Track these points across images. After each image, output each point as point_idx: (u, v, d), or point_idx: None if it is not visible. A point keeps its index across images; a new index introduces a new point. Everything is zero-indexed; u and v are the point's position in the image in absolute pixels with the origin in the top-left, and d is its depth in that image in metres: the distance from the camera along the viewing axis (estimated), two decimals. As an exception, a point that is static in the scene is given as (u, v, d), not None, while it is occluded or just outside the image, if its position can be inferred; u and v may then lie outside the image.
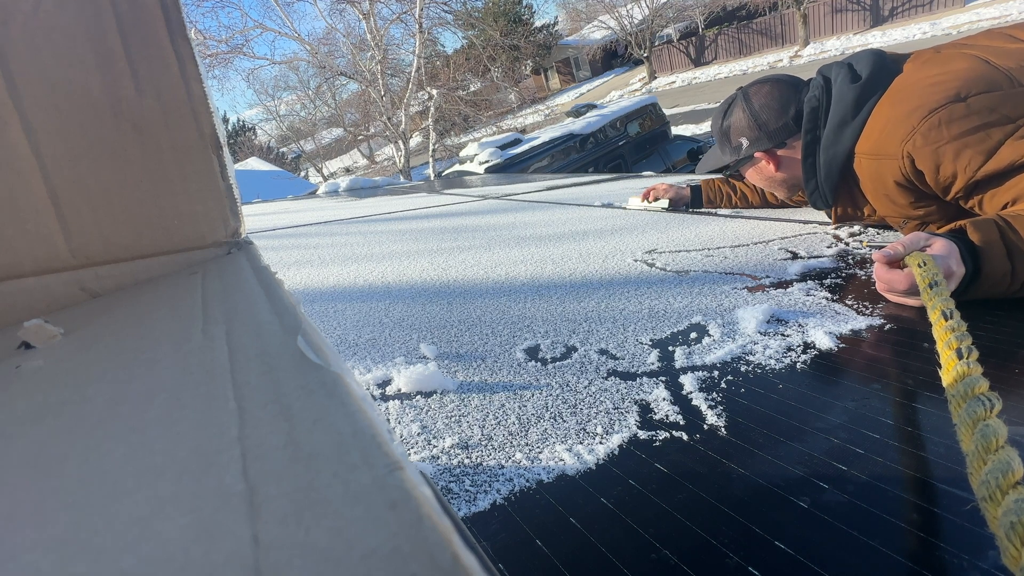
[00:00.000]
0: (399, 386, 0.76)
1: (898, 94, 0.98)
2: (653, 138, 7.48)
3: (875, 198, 1.06)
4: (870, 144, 1.01)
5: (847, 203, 1.14)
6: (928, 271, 0.69)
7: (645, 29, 22.68)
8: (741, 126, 1.23)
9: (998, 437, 0.39)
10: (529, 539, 0.47)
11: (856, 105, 1.02)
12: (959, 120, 0.87)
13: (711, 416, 0.61)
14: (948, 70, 0.94)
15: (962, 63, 0.94)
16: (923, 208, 1.00)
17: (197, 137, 0.42)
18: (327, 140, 22.63)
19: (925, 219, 1.02)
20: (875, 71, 1.03)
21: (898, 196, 1.00)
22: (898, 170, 0.96)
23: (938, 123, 0.89)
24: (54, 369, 0.29)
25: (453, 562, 0.14)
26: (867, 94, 1.02)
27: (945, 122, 0.88)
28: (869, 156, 1.02)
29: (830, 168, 1.09)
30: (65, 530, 0.17)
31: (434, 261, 1.48)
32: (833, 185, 1.11)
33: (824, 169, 1.10)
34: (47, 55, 0.37)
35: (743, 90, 1.24)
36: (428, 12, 11.35)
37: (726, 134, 1.27)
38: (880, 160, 0.99)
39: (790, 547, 0.42)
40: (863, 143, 1.03)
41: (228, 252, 0.44)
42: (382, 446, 0.18)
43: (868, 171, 1.03)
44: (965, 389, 0.45)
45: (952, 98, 0.89)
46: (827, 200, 1.15)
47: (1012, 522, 0.32)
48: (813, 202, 1.18)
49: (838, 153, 1.07)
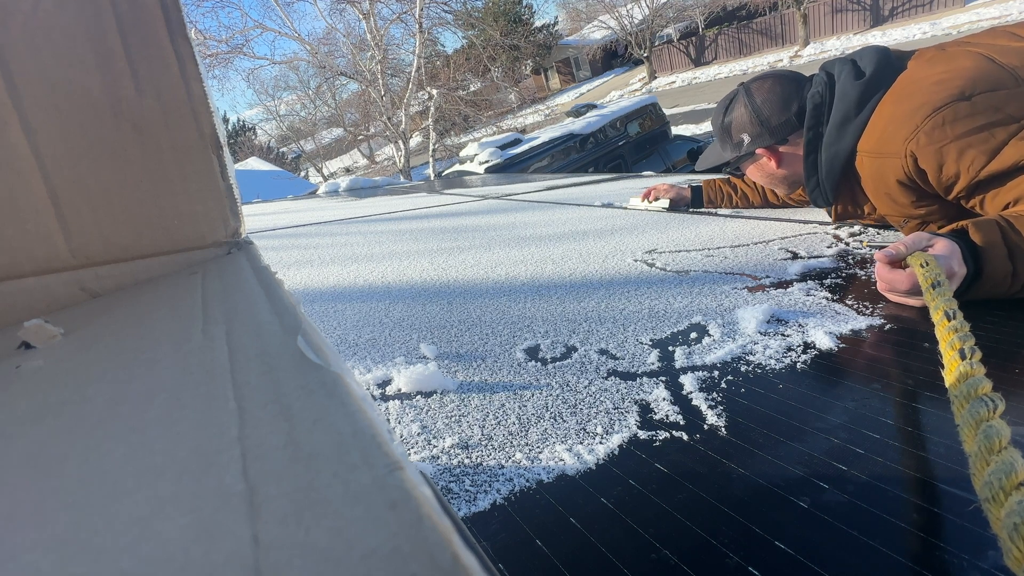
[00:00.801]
0: (399, 386, 0.76)
1: (902, 92, 0.97)
2: (653, 138, 7.48)
3: (876, 197, 1.06)
4: (872, 142, 1.01)
5: (848, 201, 1.13)
6: (931, 271, 0.69)
7: (645, 29, 22.67)
8: (743, 122, 1.21)
9: (1001, 438, 0.39)
10: (529, 539, 0.47)
11: (859, 102, 1.02)
12: (964, 119, 0.87)
13: (711, 416, 0.61)
14: (953, 68, 0.93)
15: (967, 61, 0.93)
16: (924, 207, 1.00)
17: (197, 137, 0.42)
18: (327, 140, 22.64)
19: (926, 218, 1.02)
20: (879, 68, 1.02)
21: (900, 195, 1.00)
22: (900, 169, 0.95)
23: (942, 122, 0.88)
24: (54, 369, 0.29)
25: (453, 562, 0.14)
26: (871, 91, 1.01)
27: (949, 121, 0.88)
28: (871, 155, 1.01)
29: (831, 166, 1.09)
30: (65, 530, 0.17)
31: (434, 261, 1.48)
32: (834, 183, 1.11)
33: (825, 166, 1.10)
34: (47, 55, 0.37)
35: (745, 86, 1.23)
36: (428, 12, 11.35)
37: (727, 130, 1.26)
38: (882, 159, 0.99)
39: (790, 547, 0.42)
40: (865, 141, 1.02)
41: (228, 252, 0.44)
42: (382, 446, 0.18)
43: (870, 170, 1.03)
44: (968, 390, 0.45)
45: (957, 96, 0.88)
46: (828, 198, 1.14)
47: (1015, 523, 0.32)
48: (814, 200, 1.18)
49: (840, 151, 1.06)
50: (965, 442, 0.42)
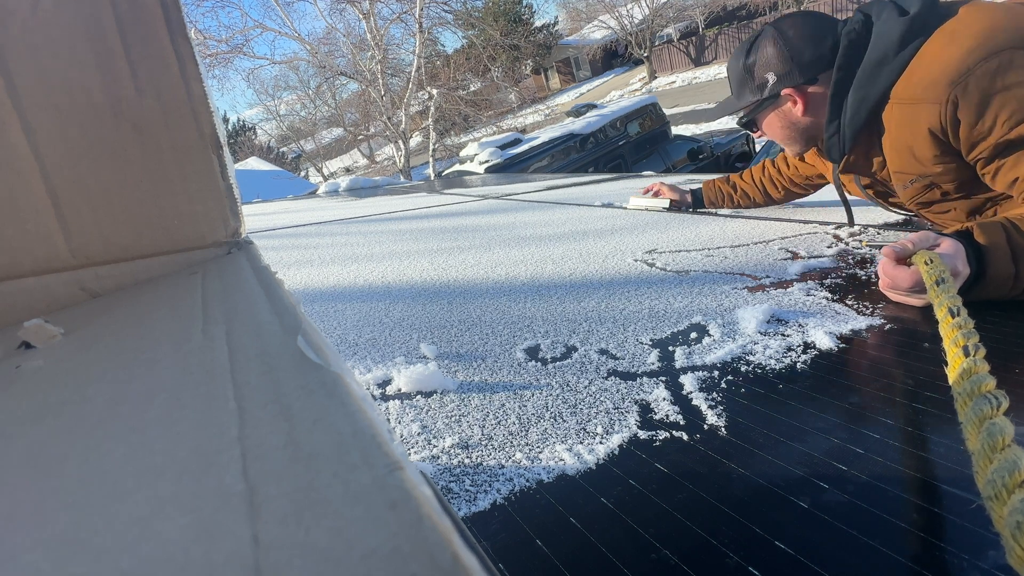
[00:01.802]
0: (399, 386, 0.76)
1: (953, 33, 0.91)
2: (653, 138, 7.48)
3: (895, 150, 1.01)
4: (910, 87, 0.94)
5: (861, 153, 1.08)
6: (935, 268, 0.68)
7: (645, 29, 22.68)
8: (770, 60, 1.11)
9: (1005, 436, 0.38)
10: (529, 539, 0.47)
11: (901, 42, 0.94)
12: (1018, 69, 0.83)
13: (711, 416, 0.61)
14: (1012, 15, 0.88)
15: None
16: (941, 166, 0.96)
17: (197, 137, 0.42)
18: (327, 140, 22.64)
19: (936, 180, 0.98)
20: (925, 9, 0.95)
21: (924, 148, 0.95)
22: (937, 117, 0.90)
23: (996, 68, 0.83)
24: (54, 369, 0.29)
25: (453, 562, 0.14)
26: (915, 32, 0.94)
27: (1003, 69, 0.83)
28: (905, 101, 0.96)
29: (857, 110, 1.02)
30: (65, 530, 0.17)
31: (434, 261, 1.48)
32: (856, 130, 1.03)
33: (851, 110, 1.02)
34: (46, 55, 0.37)
35: (773, 23, 1.12)
36: (428, 12, 11.36)
37: (749, 71, 1.15)
38: (918, 105, 0.93)
39: (790, 547, 0.42)
40: (902, 86, 0.96)
41: (228, 252, 0.44)
42: (382, 446, 0.18)
43: (899, 118, 0.97)
44: (972, 387, 0.45)
45: (1017, 44, 0.83)
46: (844, 147, 1.07)
47: (1019, 521, 0.32)
48: (828, 149, 1.11)
49: (870, 95, 0.99)
50: (968, 439, 0.41)
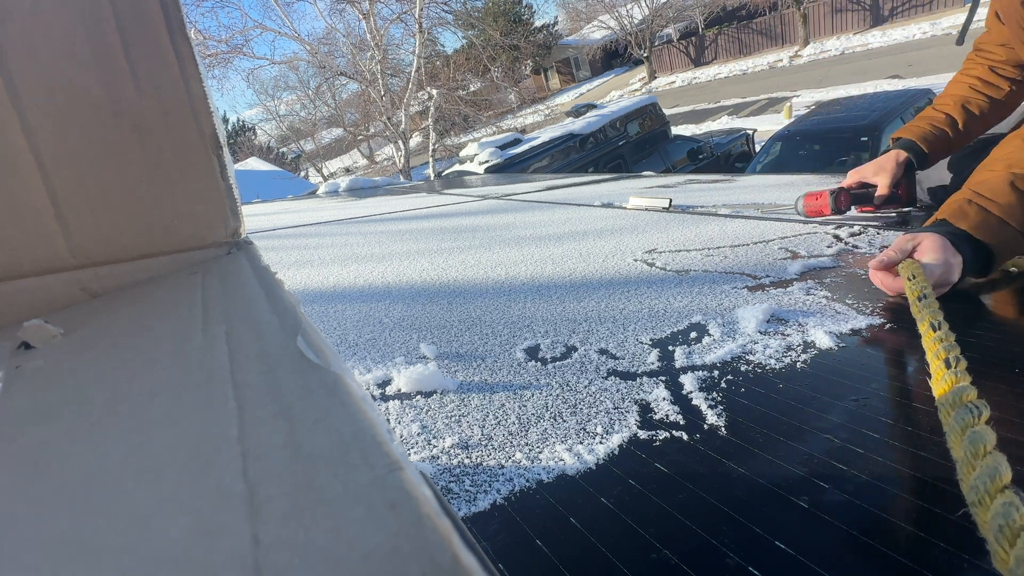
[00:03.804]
0: (399, 386, 0.76)
1: None
2: (653, 138, 7.49)
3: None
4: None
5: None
6: (917, 284, 0.71)
7: (645, 29, 22.67)
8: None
9: (986, 443, 0.40)
10: (529, 539, 0.47)
11: None
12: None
13: (711, 416, 0.61)
14: None
15: None
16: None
17: (197, 137, 0.42)
18: (327, 140, 22.61)
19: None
20: None
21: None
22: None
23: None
24: (54, 369, 0.29)
25: (453, 562, 0.14)
26: None
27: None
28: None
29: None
30: (65, 530, 0.17)
31: (434, 261, 1.48)
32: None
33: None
34: (46, 55, 0.37)
35: None
36: (428, 12, 11.36)
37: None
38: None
39: (790, 547, 0.42)
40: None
41: (228, 252, 0.44)
42: (382, 446, 0.18)
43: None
44: (954, 398, 0.46)
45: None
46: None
47: (1000, 525, 0.33)
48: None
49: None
50: (952, 448, 0.43)
